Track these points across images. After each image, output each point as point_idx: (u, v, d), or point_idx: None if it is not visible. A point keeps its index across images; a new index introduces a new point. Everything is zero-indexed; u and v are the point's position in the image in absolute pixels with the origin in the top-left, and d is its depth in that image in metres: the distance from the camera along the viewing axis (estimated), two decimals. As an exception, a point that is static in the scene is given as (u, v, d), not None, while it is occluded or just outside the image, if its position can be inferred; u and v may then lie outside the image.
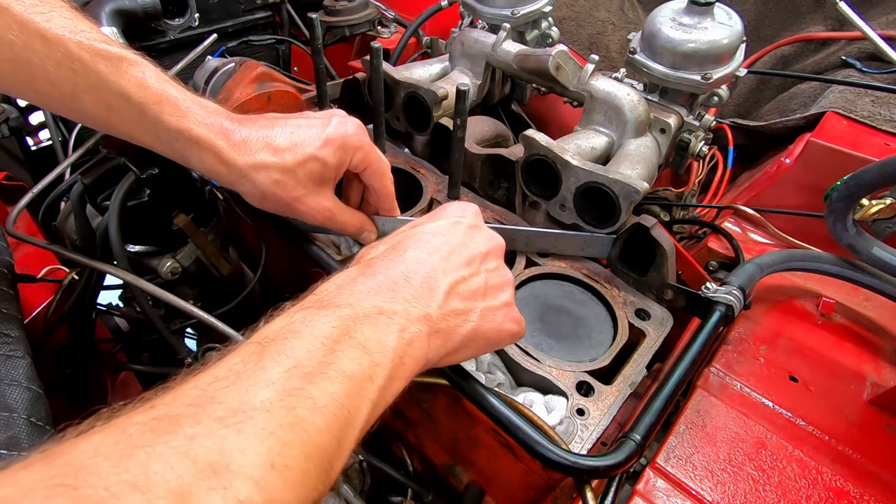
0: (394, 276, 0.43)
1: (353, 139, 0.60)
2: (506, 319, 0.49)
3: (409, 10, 1.36)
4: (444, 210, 0.53)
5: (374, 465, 0.72)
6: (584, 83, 0.80)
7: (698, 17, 0.75)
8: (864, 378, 0.64)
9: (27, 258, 0.85)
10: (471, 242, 0.49)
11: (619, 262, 0.71)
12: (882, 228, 0.64)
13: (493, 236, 0.52)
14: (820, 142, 0.83)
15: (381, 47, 0.76)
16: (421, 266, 0.44)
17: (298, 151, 0.57)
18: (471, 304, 0.46)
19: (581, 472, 0.47)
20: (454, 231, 0.49)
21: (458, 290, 0.45)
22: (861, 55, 1.08)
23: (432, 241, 0.47)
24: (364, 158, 0.61)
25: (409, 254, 0.45)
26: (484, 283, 0.48)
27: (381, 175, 0.64)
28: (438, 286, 0.44)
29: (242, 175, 0.57)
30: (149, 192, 0.65)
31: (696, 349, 0.57)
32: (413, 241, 0.47)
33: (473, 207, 0.54)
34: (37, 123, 1.04)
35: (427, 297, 0.43)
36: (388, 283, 0.42)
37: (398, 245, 0.47)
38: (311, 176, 0.59)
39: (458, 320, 0.45)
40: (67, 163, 0.89)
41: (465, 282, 0.46)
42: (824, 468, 0.53)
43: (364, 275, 0.43)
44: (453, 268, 0.46)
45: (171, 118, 0.54)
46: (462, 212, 0.52)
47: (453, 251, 0.47)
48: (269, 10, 1.30)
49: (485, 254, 0.50)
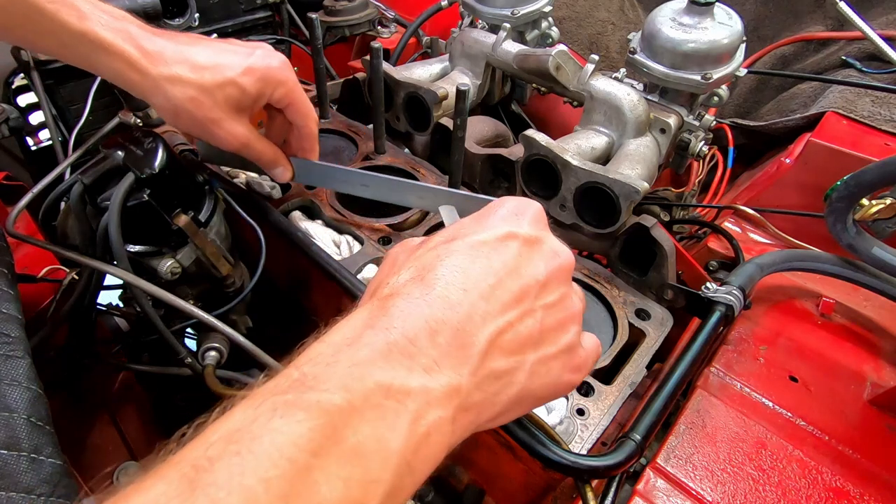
0: (414, 330, 0.30)
1: (276, 72, 0.58)
2: (565, 370, 0.37)
3: (409, 10, 1.36)
4: (494, 213, 0.38)
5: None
6: (584, 83, 0.80)
7: (698, 17, 0.75)
8: (864, 378, 0.64)
9: (27, 258, 0.85)
10: (526, 268, 0.36)
11: (619, 262, 0.71)
12: (882, 228, 0.64)
13: (556, 253, 0.38)
14: (820, 142, 0.83)
15: (381, 47, 0.76)
16: (453, 312, 0.31)
17: (218, 73, 0.56)
18: (518, 359, 0.34)
19: (581, 472, 0.47)
20: (503, 251, 0.35)
21: (502, 342, 0.33)
22: (861, 55, 1.08)
23: (471, 268, 0.34)
24: (287, 94, 0.60)
25: (439, 290, 0.32)
26: (539, 326, 0.35)
27: (304, 114, 0.63)
28: (475, 341, 0.32)
29: (156, 85, 0.55)
30: (149, 192, 0.64)
31: (696, 349, 0.57)
32: (446, 267, 0.34)
33: (534, 208, 0.40)
34: (37, 123, 1.04)
35: (458, 359, 0.31)
36: (403, 342, 0.30)
37: (426, 272, 0.34)
38: (229, 101, 0.57)
39: (499, 385, 0.33)
40: (67, 163, 0.89)
41: (512, 328, 0.34)
42: (824, 468, 0.53)
43: (374, 327, 0.30)
44: (497, 310, 0.33)
45: (70, 18, 0.51)
46: (517, 218, 0.38)
47: (499, 284, 0.34)
48: (269, 10, 1.30)
49: (543, 283, 0.36)
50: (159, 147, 0.65)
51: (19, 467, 0.47)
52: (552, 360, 0.36)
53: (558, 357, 0.36)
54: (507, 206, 0.39)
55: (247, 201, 0.76)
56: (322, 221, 0.78)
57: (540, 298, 0.36)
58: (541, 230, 0.38)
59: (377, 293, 0.35)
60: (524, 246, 0.36)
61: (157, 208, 0.66)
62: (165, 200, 0.67)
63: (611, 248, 0.72)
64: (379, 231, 0.75)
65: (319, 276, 0.66)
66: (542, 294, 0.36)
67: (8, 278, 0.65)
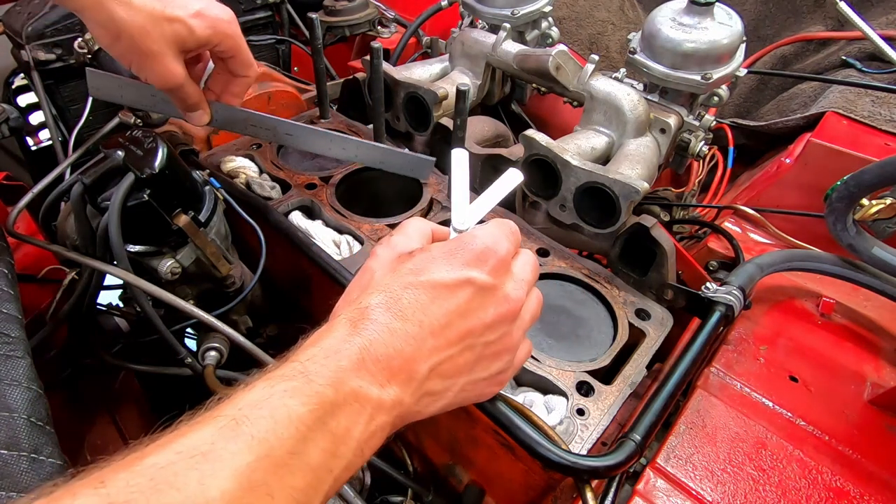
0: (378, 352, 0.38)
1: (224, 25, 0.60)
2: (488, 386, 0.45)
3: (409, 10, 1.36)
4: (461, 251, 0.43)
5: (374, 465, 0.72)
6: (584, 83, 0.80)
7: (698, 17, 0.75)
8: (864, 378, 0.64)
9: (27, 258, 0.85)
10: (476, 312, 0.42)
11: (620, 262, 0.71)
12: (882, 228, 0.64)
13: (507, 298, 0.44)
14: (820, 142, 0.83)
15: (381, 47, 0.76)
16: (407, 344, 0.39)
17: (169, 7, 0.55)
18: (451, 382, 0.42)
19: (581, 473, 0.47)
20: (460, 296, 0.41)
21: (441, 370, 0.41)
22: (861, 55, 1.08)
23: (430, 307, 0.41)
24: (233, 47, 0.62)
25: (400, 326, 0.39)
26: (475, 357, 0.43)
27: (248, 64, 0.65)
28: (420, 370, 0.40)
29: (100, 2, 0.53)
30: (149, 192, 0.64)
31: (696, 349, 0.57)
32: (409, 302, 0.41)
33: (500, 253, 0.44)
34: (37, 123, 1.04)
35: (405, 383, 0.39)
36: (370, 362, 0.38)
37: (394, 302, 0.40)
38: (175, 38, 0.57)
39: (431, 399, 0.42)
40: (67, 163, 0.89)
41: (451, 360, 0.41)
42: (824, 468, 0.53)
43: (350, 343, 0.38)
44: (443, 345, 0.41)
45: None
46: (481, 264, 0.43)
47: (449, 324, 0.41)
48: (269, 10, 1.30)
49: (488, 325, 0.43)
50: (159, 147, 0.65)
51: (19, 467, 0.47)
52: (480, 382, 0.44)
53: (486, 379, 0.45)
54: (476, 244, 0.44)
55: (247, 201, 0.76)
56: (322, 221, 0.78)
57: (483, 337, 0.43)
58: (499, 277, 0.44)
59: (354, 303, 0.41)
60: (478, 293, 0.42)
61: (157, 208, 0.66)
62: (165, 200, 0.67)
63: (611, 248, 0.72)
64: (379, 231, 0.75)
65: (319, 275, 0.66)
66: (485, 333, 0.43)
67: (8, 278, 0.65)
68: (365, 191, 0.87)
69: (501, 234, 0.45)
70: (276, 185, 0.82)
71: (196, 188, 0.73)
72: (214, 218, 0.74)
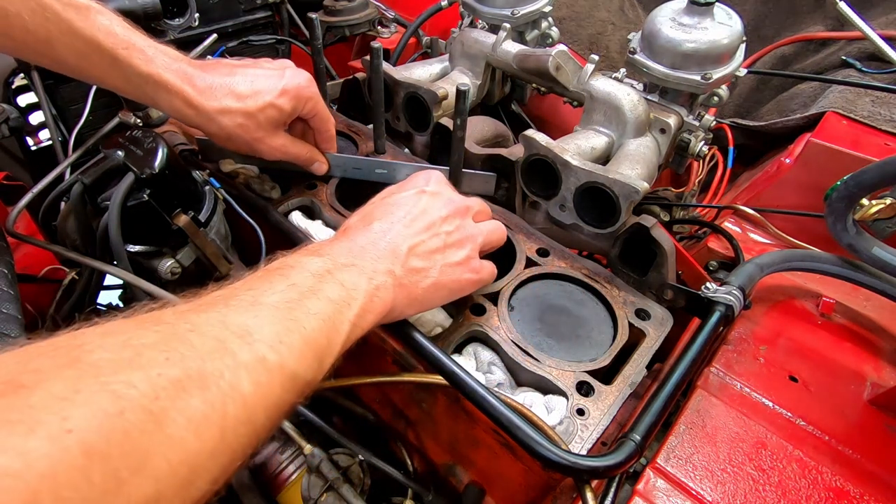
0: (363, 242, 0.52)
1: (305, 91, 0.69)
2: (465, 271, 0.57)
3: (409, 10, 1.36)
4: (410, 181, 0.61)
5: (374, 465, 0.72)
6: (584, 83, 0.80)
7: (698, 17, 0.75)
8: (864, 378, 0.64)
9: (27, 258, 0.85)
10: (431, 209, 0.57)
11: (619, 262, 0.71)
12: (882, 228, 0.64)
13: (452, 200, 0.59)
14: (820, 142, 0.83)
15: (381, 47, 0.76)
16: (385, 235, 0.53)
17: (259, 99, 0.66)
18: (429, 261, 0.54)
19: (581, 473, 0.47)
20: (416, 201, 0.57)
21: (417, 251, 0.54)
22: (861, 55, 1.08)
23: (396, 212, 0.56)
24: (314, 107, 0.71)
25: (376, 225, 0.54)
26: (442, 243, 0.56)
27: (326, 120, 0.75)
28: (400, 250, 0.53)
29: (210, 119, 0.65)
30: (149, 192, 0.64)
31: (696, 349, 0.57)
32: (380, 212, 0.56)
33: (436, 175, 0.62)
34: (37, 123, 1.04)
35: (391, 257, 0.52)
36: (358, 248, 0.51)
37: (368, 216, 0.56)
38: (270, 120, 0.67)
39: (419, 276, 0.53)
40: (67, 163, 0.89)
41: (423, 244, 0.54)
42: (824, 468, 0.53)
43: (340, 239, 0.53)
44: (413, 233, 0.54)
45: (140, 63, 0.61)
46: (425, 182, 0.60)
47: (414, 219, 0.56)
48: (269, 10, 1.30)
49: (444, 217, 0.57)
50: (159, 147, 0.65)
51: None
52: (455, 266, 0.56)
53: (460, 263, 0.57)
54: (419, 176, 0.62)
55: (247, 201, 0.76)
56: (322, 221, 0.78)
57: (443, 226, 0.57)
58: (442, 188, 0.60)
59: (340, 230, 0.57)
60: (431, 197, 0.58)
61: (157, 208, 0.66)
62: (165, 200, 0.67)
63: (611, 248, 0.72)
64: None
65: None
66: (444, 224, 0.57)
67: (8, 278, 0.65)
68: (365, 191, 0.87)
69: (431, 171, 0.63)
70: (276, 186, 0.82)
71: (196, 188, 0.73)
72: (214, 218, 0.74)
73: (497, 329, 0.62)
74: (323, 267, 0.47)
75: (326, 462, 0.71)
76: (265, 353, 0.37)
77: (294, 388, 0.39)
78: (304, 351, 0.40)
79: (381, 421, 0.77)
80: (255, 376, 0.35)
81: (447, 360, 0.54)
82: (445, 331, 0.62)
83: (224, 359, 0.34)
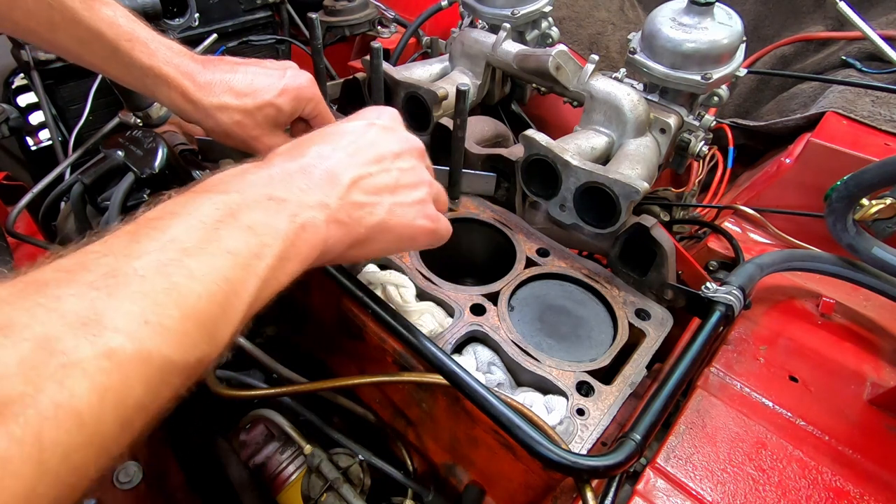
0: (291, 168, 0.43)
1: (306, 91, 0.67)
2: (418, 216, 0.50)
3: (409, 10, 1.36)
4: (360, 113, 0.54)
5: (374, 465, 0.72)
6: (584, 83, 0.80)
7: (698, 17, 0.75)
8: (864, 378, 0.64)
9: (27, 258, 0.85)
10: (382, 142, 0.50)
11: (619, 262, 0.71)
12: (882, 228, 0.64)
13: (408, 138, 0.53)
14: (820, 142, 0.83)
15: (381, 47, 0.76)
16: (323, 160, 0.45)
17: (258, 97, 0.64)
18: (376, 198, 0.47)
19: (581, 472, 0.47)
20: (366, 131, 0.50)
21: (363, 184, 0.46)
22: (861, 55, 1.08)
23: (340, 140, 0.48)
24: (315, 108, 0.69)
25: (313, 149, 0.46)
26: (394, 180, 0.49)
27: (329, 122, 0.72)
28: (340, 179, 0.45)
29: (208, 114, 0.64)
30: (149, 192, 0.65)
31: (696, 349, 0.57)
32: (320, 137, 0.48)
33: (390, 111, 0.55)
34: (37, 123, 1.04)
35: (326, 187, 0.43)
36: (282, 175, 0.42)
37: (303, 141, 0.48)
38: (268, 119, 0.66)
39: (362, 212, 0.46)
40: (67, 163, 0.89)
41: (371, 177, 0.47)
42: (824, 468, 0.53)
43: (258, 167, 0.43)
44: (359, 164, 0.47)
45: (142, 55, 0.60)
46: (377, 115, 0.54)
47: (361, 149, 0.48)
48: (269, 10, 1.30)
49: (397, 153, 0.50)
50: (159, 147, 0.65)
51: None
52: (407, 207, 0.49)
53: (412, 206, 0.50)
54: (370, 109, 0.55)
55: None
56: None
57: (395, 163, 0.49)
58: (396, 125, 0.53)
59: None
60: (381, 130, 0.51)
61: (157, 208, 0.66)
62: (165, 200, 0.67)
63: (611, 248, 0.72)
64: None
65: (319, 275, 0.66)
66: (396, 160, 0.50)
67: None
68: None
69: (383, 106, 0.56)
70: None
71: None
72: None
73: (497, 329, 0.62)
74: (222, 209, 0.37)
75: (326, 462, 0.71)
76: (118, 343, 0.28)
77: (167, 380, 0.31)
78: (183, 328, 0.32)
79: (381, 421, 0.77)
80: (98, 379, 0.27)
81: (447, 360, 0.54)
82: (445, 331, 0.62)
83: (46, 366, 0.26)
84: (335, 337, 0.76)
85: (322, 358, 0.85)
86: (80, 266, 0.31)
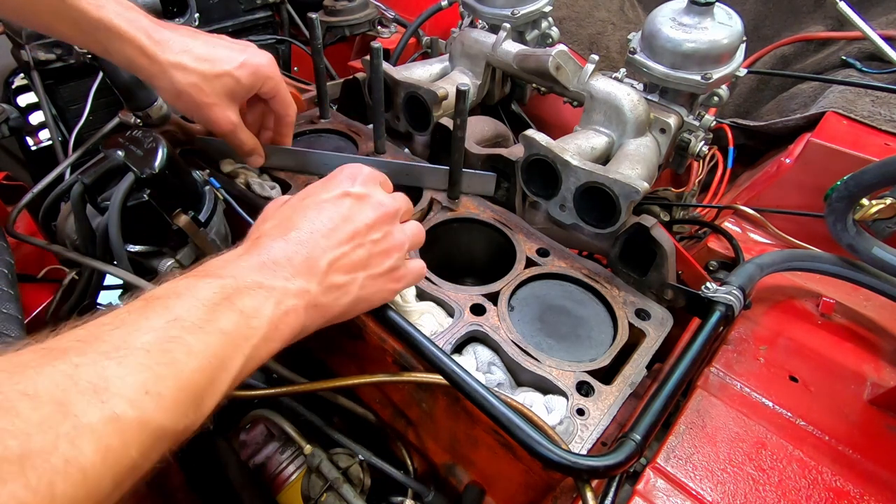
0: (276, 256, 0.46)
1: (265, 69, 0.68)
2: (389, 282, 0.54)
3: (409, 10, 1.36)
4: (334, 179, 0.55)
5: (374, 464, 0.72)
6: (584, 83, 0.80)
7: (698, 17, 0.75)
8: (864, 378, 0.64)
9: (27, 258, 0.85)
10: (356, 216, 0.52)
11: (619, 262, 0.71)
12: (882, 228, 0.64)
13: (380, 203, 0.54)
14: (820, 142, 0.83)
15: (381, 47, 0.76)
16: (302, 247, 0.48)
17: (217, 65, 0.64)
18: (352, 276, 0.50)
19: (581, 472, 0.47)
20: (339, 206, 0.52)
21: (339, 265, 0.49)
22: (861, 55, 1.08)
23: (317, 218, 0.50)
24: (274, 87, 0.70)
25: (293, 235, 0.48)
26: (367, 254, 0.51)
27: (287, 104, 0.73)
28: (319, 265, 0.48)
29: (163, 70, 0.62)
30: (149, 192, 0.64)
31: (696, 349, 0.57)
32: (298, 218, 0.50)
33: (365, 172, 0.56)
34: (37, 123, 1.04)
35: (307, 275, 0.47)
36: (270, 263, 0.46)
37: (285, 223, 0.50)
38: (225, 89, 0.66)
39: (339, 293, 0.49)
40: (67, 163, 0.89)
41: (346, 257, 0.50)
42: (824, 468, 0.53)
43: (249, 253, 0.46)
44: (334, 245, 0.49)
45: (89, 7, 0.58)
46: (352, 181, 0.54)
47: (336, 228, 0.50)
48: (269, 10, 1.31)
49: (370, 225, 0.52)
50: (159, 147, 0.65)
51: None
52: (379, 277, 0.53)
53: (383, 275, 0.53)
54: (344, 172, 0.55)
55: (247, 201, 0.76)
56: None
57: (368, 236, 0.52)
58: (370, 188, 0.54)
59: (250, 238, 0.50)
60: (356, 201, 0.53)
61: (157, 208, 0.66)
62: (165, 200, 0.67)
63: (611, 248, 0.72)
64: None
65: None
66: (369, 233, 0.52)
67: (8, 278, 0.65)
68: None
69: (359, 165, 0.57)
70: (276, 185, 0.82)
71: (196, 188, 0.73)
72: (214, 218, 0.74)
73: (497, 329, 0.62)
74: (220, 292, 0.41)
75: (326, 462, 0.71)
76: (122, 410, 0.31)
77: (158, 445, 0.34)
78: (177, 398, 0.35)
79: (381, 421, 0.77)
80: (103, 441, 0.30)
81: (447, 360, 0.54)
82: (445, 331, 0.62)
83: (62, 426, 0.29)
84: (335, 337, 0.76)
85: (322, 358, 0.85)
86: (95, 338, 0.34)
